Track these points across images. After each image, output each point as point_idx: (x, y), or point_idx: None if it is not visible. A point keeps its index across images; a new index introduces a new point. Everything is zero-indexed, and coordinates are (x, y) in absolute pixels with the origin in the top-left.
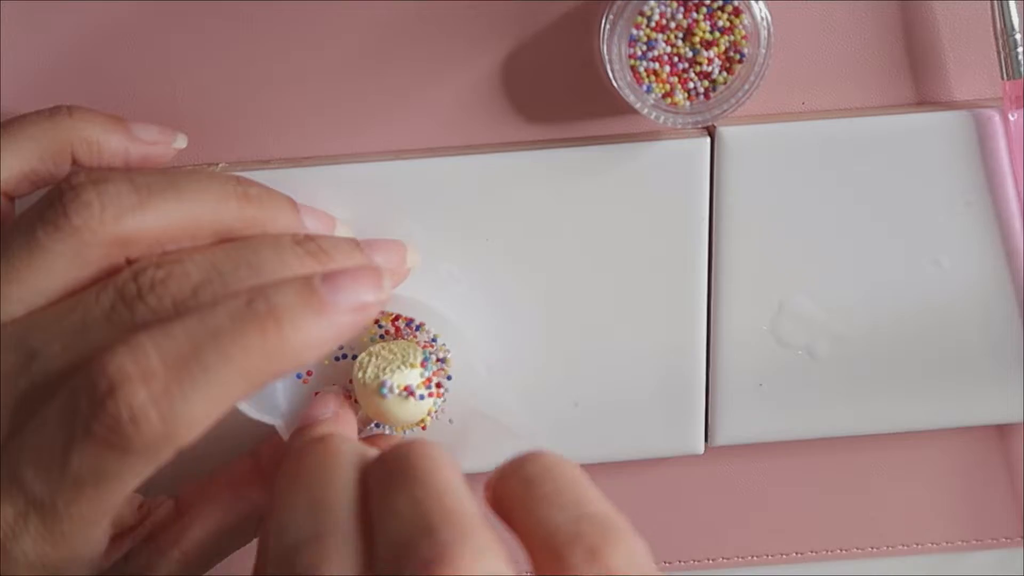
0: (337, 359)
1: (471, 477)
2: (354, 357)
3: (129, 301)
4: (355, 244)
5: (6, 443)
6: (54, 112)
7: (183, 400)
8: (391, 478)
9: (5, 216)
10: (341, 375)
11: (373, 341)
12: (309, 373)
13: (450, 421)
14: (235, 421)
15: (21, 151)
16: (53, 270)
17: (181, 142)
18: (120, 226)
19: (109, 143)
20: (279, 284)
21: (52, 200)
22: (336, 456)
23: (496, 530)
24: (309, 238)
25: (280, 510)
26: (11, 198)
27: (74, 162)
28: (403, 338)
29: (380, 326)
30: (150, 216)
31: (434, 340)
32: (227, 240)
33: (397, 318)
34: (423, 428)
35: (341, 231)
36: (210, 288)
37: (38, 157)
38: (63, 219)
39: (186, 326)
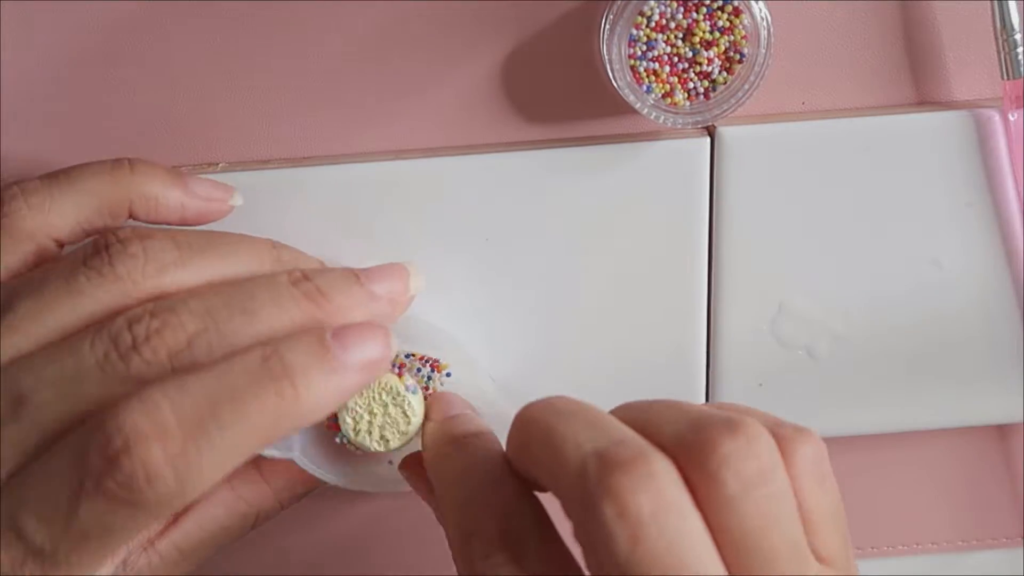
0: None
1: None
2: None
3: (124, 352)
4: (354, 278)
5: (3, 489)
6: (116, 166)
7: (198, 458)
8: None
9: (51, 260)
10: None
11: None
12: None
13: None
14: None
15: (80, 203)
16: (83, 315)
17: (238, 200)
18: (160, 279)
19: (167, 199)
20: (292, 341)
21: (98, 248)
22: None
23: None
24: (305, 277)
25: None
26: (61, 245)
27: (131, 216)
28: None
29: None
30: (189, 273)
31: (438, 361)
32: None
33: None
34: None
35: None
36: (205, 338)
37: (95, 210)
38: (108, 267)
39: (203, 383)
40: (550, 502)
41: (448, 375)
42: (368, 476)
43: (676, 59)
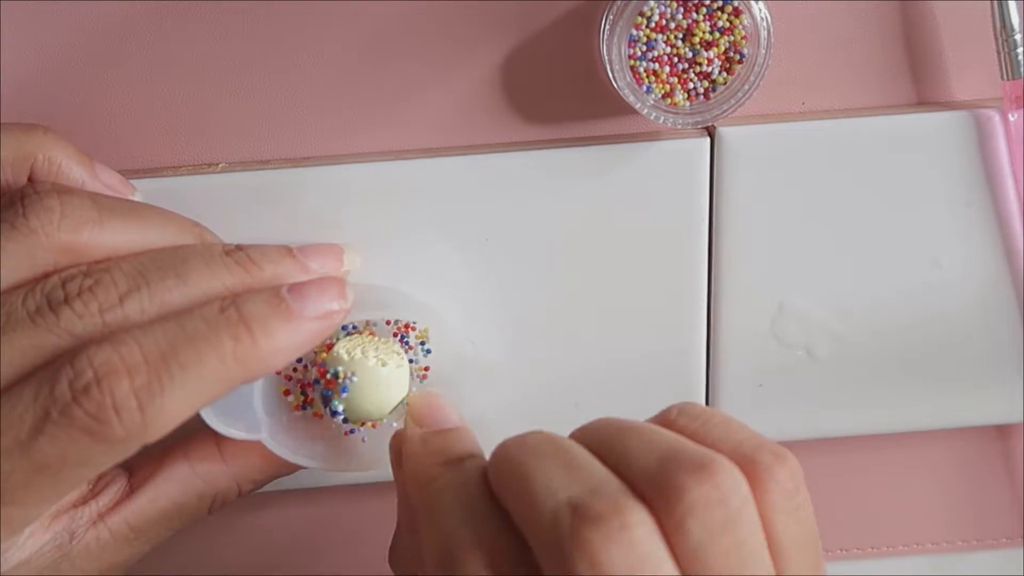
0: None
1: None
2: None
3: (55, 306)
4: (287, 251)
5: None
6: (30, 127)
7: (161, 396)
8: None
9: None
10: None
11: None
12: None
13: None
14: None
15: None
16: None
17: (138, 198)
18: (75, 236)
19: (71, 170)
20: (248, 294)
21: (13, 201)
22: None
23: None
24: (239, 248)
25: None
26: None
27: (31, 177)
28: (374, 332)
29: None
30: (106, 234)
31: (413, 323)
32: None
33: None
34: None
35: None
36: (137, 297)
37: (1, 160)
38: (21, 220)
39: (164, 329)
40: None
41: (428, 351)
42: (338, 456)
43: (676, 59)
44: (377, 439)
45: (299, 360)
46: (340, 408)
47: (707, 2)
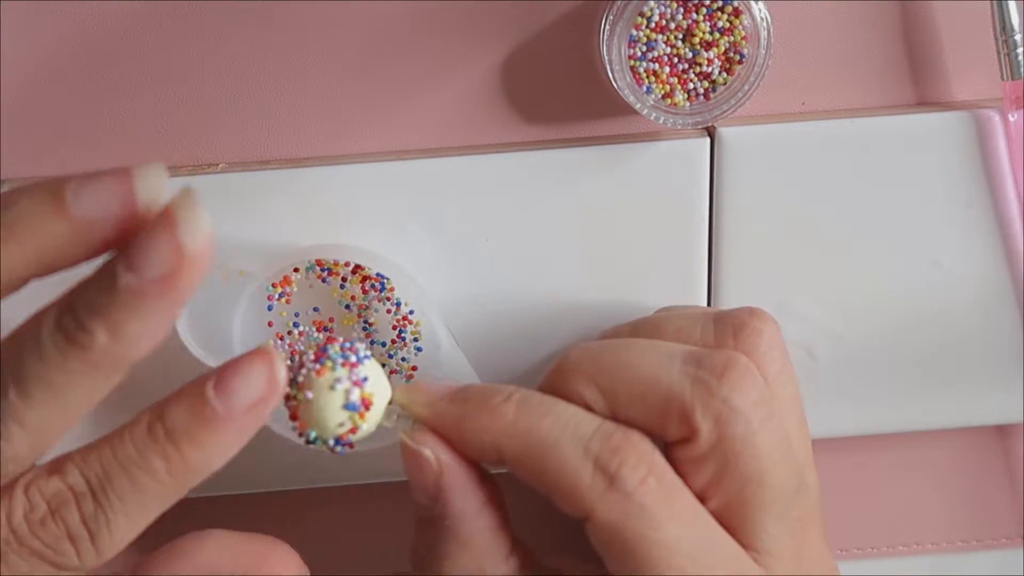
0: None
1: None
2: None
3: None
4: (113, 274)
5: None
6: None
7: (107, 525)
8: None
9: None
10: None
11: (342, 304)
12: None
13: None
14: None
15: None
16: None
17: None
18: None
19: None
20: (173, 403)
21: None
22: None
23: None
24: (67, 309)
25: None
26: None
27: None
28: (368, 302)
29: (343, 286)
30: None
31: (410, 312)
32: None
33: (365, 279)
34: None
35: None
36: None
37: None
38: None
39: (100, 456)
40: None
41: (420, 349)
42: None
43: (676, 60)
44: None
45: (295, 324)
46: (312, 435)
47: (707, 2)
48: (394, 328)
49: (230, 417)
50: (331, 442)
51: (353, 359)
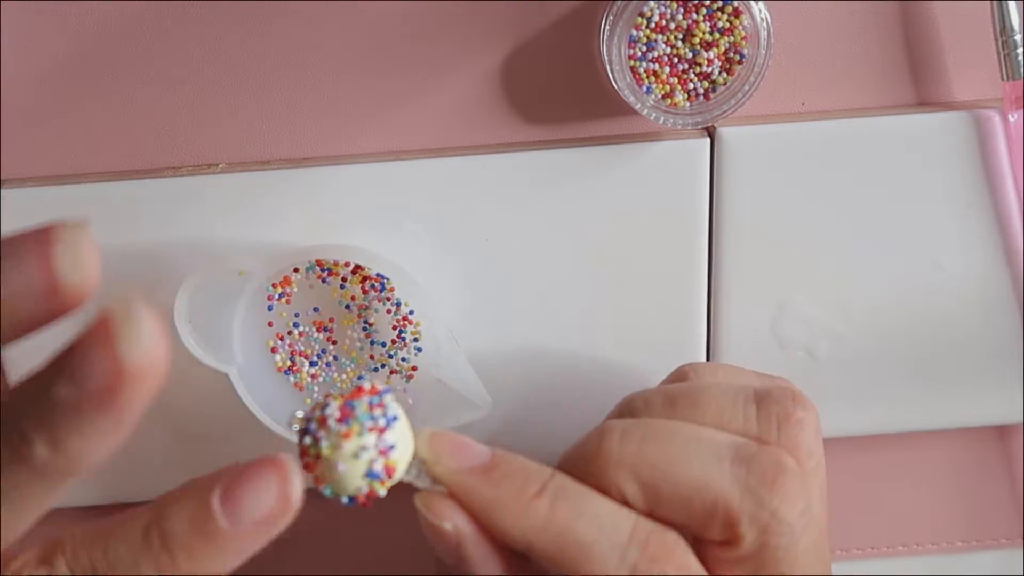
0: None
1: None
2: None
3: None
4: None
5: None
6: None
7: None
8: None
9: None
10: None
11: (342, 304)
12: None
13: (410, 401)
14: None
15: None
16: None
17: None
18: None
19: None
20: (175, 506)
21: None
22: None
23: None
24: (12, 414)
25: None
26: None
27: None
28: (368, 302)
29: (343, 286)
30: None
31: (410, 312)
32: None
33: (365, 279)
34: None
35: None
36: None
37: None
38: None
39: (93, 558)
40: None
41: (419, 350)
42: None
43: (676, 60)
44: None
45: (295, 324)
46: (327, 492)
47: (707, 3)
48: (394, 328)
49: (235, 535)
50: (344, 500)
51: (382, 423)
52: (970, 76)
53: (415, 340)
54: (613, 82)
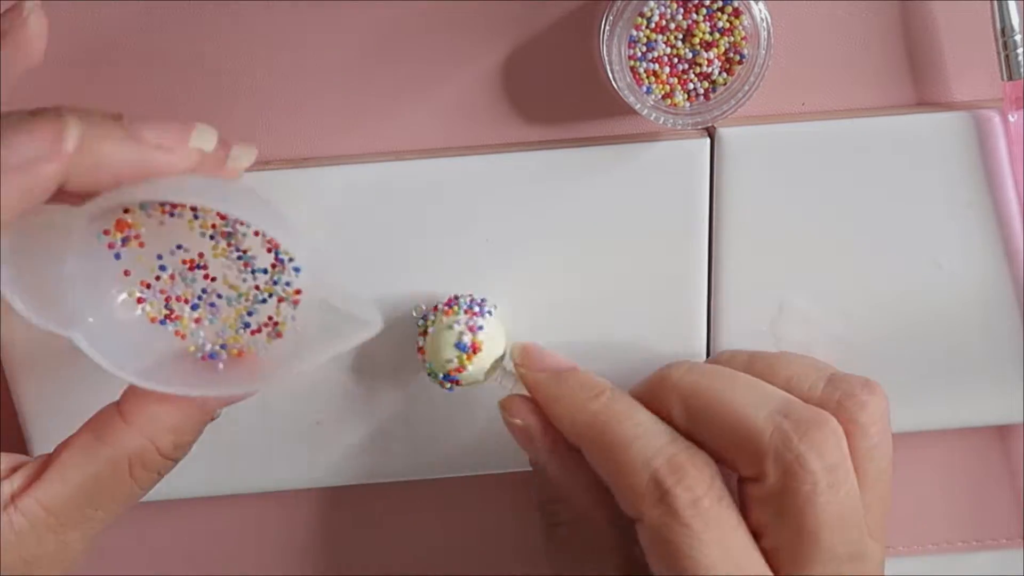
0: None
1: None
2: None
3: None
4: (114, 115)
5: None
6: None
7: None
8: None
9: None
10: None
11: (205, 235)
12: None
13: (299, 329)
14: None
15: None
16: None
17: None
18: None
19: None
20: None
21: None
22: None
23: None
24: (57, 111)
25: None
26: None
27: None
28: (231, 227)
29: (197, 216)
30: None
31: (281, 251)
32: None
33: (214, 224)
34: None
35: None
36: None
37: None
38: None
39: None
40: None
41: (297, 269)
42: (193, 379)
43: (676, 60)
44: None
45: (162, 267)
46: (428, 366)
47: (707, 3)
48: (269, 252)
49: (140, 139)
50: (441, 376)
51: (476, 310)
52: (970, 76)
53: (291, 260)
54: (613, 82)
